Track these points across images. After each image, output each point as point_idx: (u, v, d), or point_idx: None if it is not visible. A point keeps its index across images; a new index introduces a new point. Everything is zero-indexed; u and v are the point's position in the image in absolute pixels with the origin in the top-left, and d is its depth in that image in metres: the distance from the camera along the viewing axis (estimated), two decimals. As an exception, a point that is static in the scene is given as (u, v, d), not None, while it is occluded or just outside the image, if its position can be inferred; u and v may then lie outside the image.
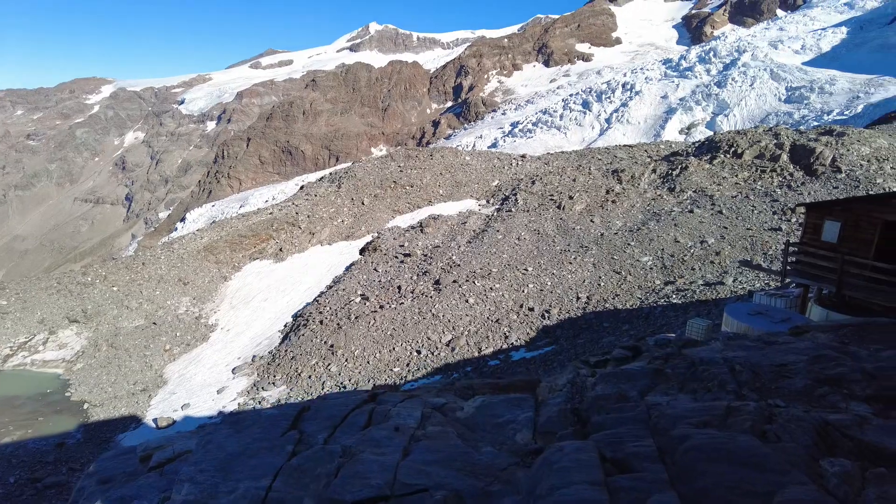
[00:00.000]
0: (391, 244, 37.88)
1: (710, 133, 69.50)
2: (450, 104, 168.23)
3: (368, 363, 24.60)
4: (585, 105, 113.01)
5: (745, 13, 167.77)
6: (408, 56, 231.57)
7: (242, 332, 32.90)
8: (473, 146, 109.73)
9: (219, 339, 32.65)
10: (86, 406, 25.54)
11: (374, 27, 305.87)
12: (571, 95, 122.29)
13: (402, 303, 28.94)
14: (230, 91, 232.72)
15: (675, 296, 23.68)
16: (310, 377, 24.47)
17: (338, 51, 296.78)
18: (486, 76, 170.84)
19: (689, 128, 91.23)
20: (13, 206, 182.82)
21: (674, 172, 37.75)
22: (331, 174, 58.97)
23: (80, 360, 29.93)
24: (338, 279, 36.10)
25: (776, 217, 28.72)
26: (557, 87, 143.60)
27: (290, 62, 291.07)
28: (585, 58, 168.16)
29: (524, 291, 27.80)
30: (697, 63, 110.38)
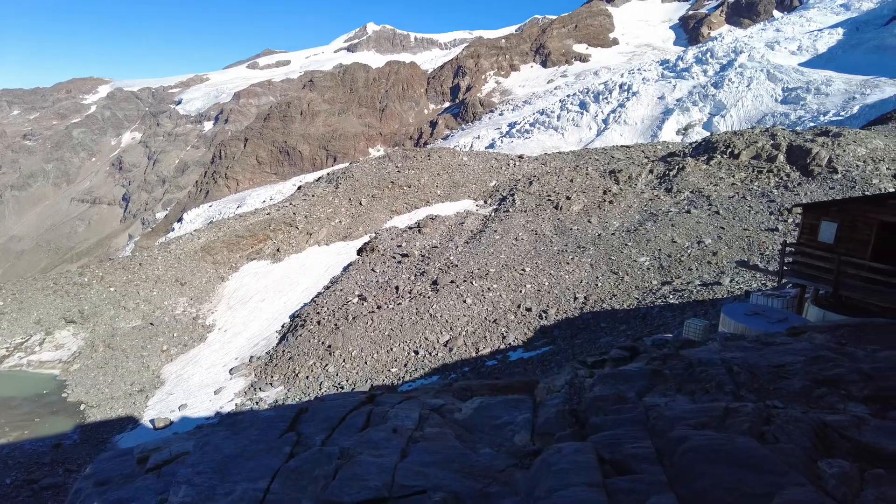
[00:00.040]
0: (389, 244, 37.85)
1: (707, 134, 69.78)
2: (447, 105, 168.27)
3: (366, 364, 24.57)
4: (583, 106, 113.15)
5: (742, 14, 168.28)
6: (405, 56, 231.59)
7: (240, 333, 32.84)
8: (471, 147, 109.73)
9: (216, 340, 32.58)
10: (82, 407, 25.44)
11: (372, 27, 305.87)
12: (569, 96, 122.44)
13: (400, 303, 28.92)
14: (227, 91, 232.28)
15: (672, 296, 23.72)
16: (307, 378, 24.43)
17: (335, 51, 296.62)
18: (484, 77, 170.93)
19: (686, 128, 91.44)
20: (9, 207, 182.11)
21: (671, 173, 37.83)
22: (328, 174, 58.91)
23: (77, 361, 29.82)
24: (335, 280, 36.06)
25: (773, 217, 28.81)
26: (555, 88, 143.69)
27: (288, 62, 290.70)
28: (583, 58, 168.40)
29: (522, 292, 27.81)
30: (694, 64, 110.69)
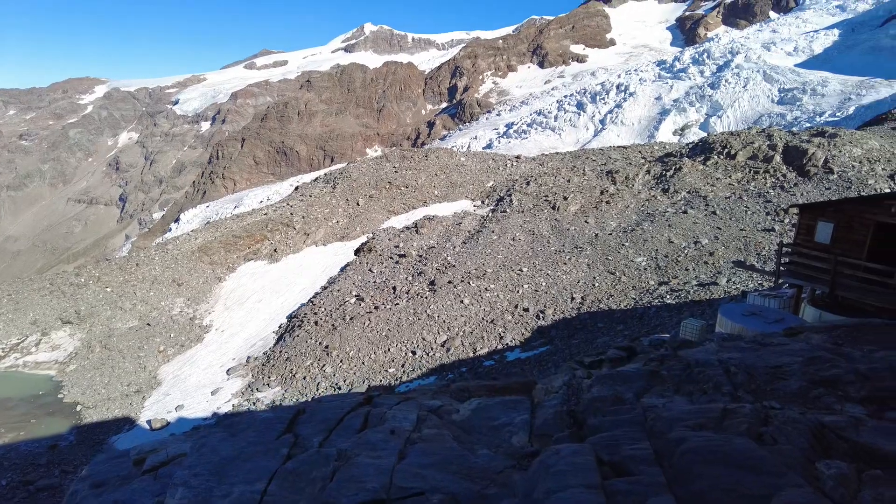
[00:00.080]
0: (386, 245, 37.82)
1: (704, 134, 69.89)
2: (445, 105, 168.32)
3: (363, 364, 24.53)
4: (580, 106, 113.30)
5: (739, 15, 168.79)
6: (403, 57, 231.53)
7: (237, 333, 32.76)
8: (468, 147, 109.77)
9: (213, 340, 32.49)
10: (79, 408, 25.33)
11: (369, 28, 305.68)
12: (566, 97, 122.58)
13: (397, 303, 28.90)
14: (225, 91, 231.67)
15: (669, 296, 23.76)
16: (304, 378, 24.38)
17: (333, 51, 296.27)
18: (481, 77, 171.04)
19: (683, 129, 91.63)
20: (6, 207, 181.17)
21: (668, 173, 37.90)
22: (326, 175, 58.81)
23: (73, 362, 29.69)
24: (332, 280, 36.00)
25: (769, 218, 28.89)
26: (552, 89, 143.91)
27: (285, 63, 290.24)
28: (580, 59, 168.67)
29: (519, 292, 27.82)
30: (691, 64, 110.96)
